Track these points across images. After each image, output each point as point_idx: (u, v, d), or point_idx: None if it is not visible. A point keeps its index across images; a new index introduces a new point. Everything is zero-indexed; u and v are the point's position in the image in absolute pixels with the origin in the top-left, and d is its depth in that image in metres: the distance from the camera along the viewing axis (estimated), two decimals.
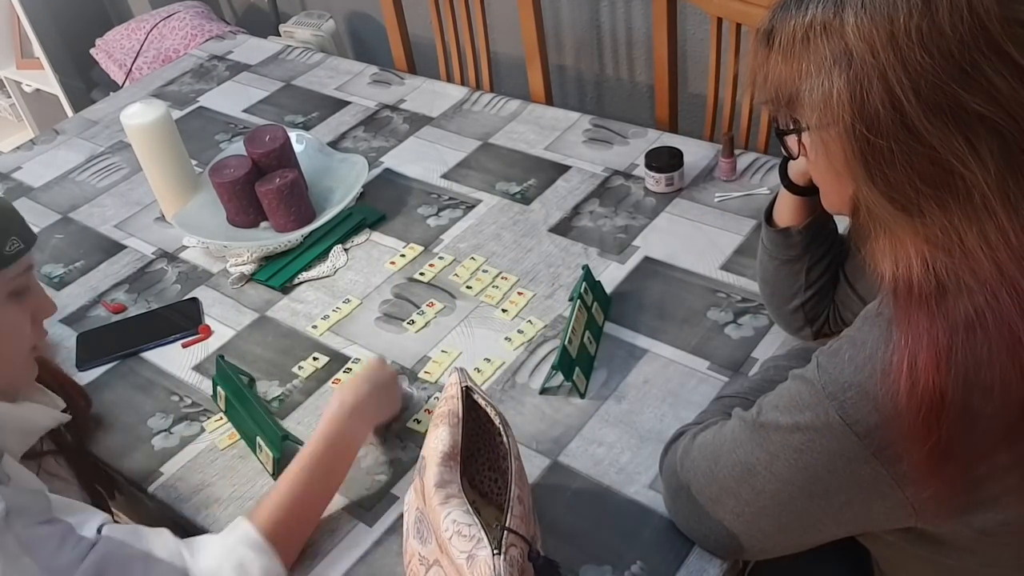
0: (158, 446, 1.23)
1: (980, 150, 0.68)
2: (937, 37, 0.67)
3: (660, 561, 0.99)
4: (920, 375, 0.71)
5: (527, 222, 1.51)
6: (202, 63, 2.20)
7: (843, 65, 0.71)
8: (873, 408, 0.74)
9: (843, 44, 0.70)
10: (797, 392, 0.80)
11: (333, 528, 1.09)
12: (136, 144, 1.53)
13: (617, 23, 2.16)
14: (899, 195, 0.72)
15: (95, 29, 2.72)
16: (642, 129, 1.68)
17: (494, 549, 0.81)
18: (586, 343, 1.23)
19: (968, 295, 0.71)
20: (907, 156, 0.70)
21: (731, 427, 0.89)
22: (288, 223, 1.50)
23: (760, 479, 0.84)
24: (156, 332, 1.40)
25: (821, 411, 0.77)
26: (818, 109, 0.74)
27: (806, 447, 0.79)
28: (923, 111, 0.68)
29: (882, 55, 0.69)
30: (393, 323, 1.36)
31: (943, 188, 0.70)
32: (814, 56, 0.73)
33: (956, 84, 0.67)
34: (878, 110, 0.69)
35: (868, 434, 0.75)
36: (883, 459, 0.75)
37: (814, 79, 0.73)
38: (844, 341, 0.79)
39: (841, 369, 0.76)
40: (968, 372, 0.71)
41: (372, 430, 1.13)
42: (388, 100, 1.91)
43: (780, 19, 0.76)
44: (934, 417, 0.71)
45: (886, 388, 0.73)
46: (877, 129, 0.70)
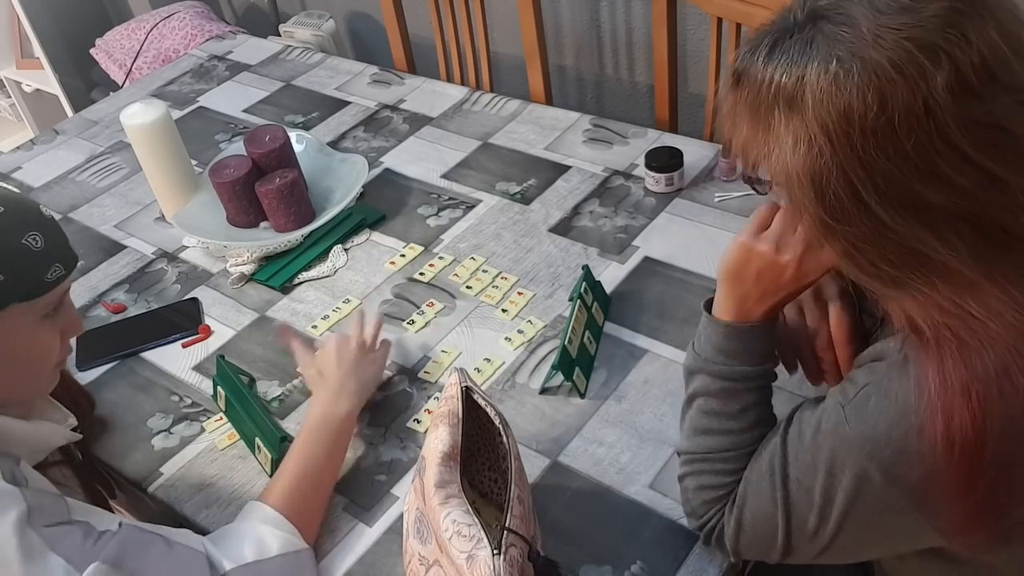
0: (158, 446, 1.23)
1: (949, 238, 0.68)
2: (892, 137, 0.66)
3: (660, 561, 0.99)
4: (957, 431, 0.69)
5: (527, 222, 1.51)
6: (202, 63, 2.20)
7: (803, 149, 0.69)
8: (913, 463, 0.72)
9: (804, 127, 0.69)
10: (831, 449, 0.77)
11: (333, 528, 1.09)
12: (136, 144, 1.53)
13: (617, 23, 2.16)
14: (883, 274, 0.71)
15: (95, 29, 2.72)
16: (642, 129, 1.68)
17: (494, 549, 0.81)
18: (586, 343, 1.23)
19: (988, 351, 0.69)
20: (877, 243, 0.69)
21: (776, 486, 0.83)
22: (288, 223, 1.50)
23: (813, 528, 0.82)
24: (156, 332, 1.40)
25: (860, 470, 0.75)
26: (783, 186, 0.72)
27: (851, 501, 0.77)
28: (884, 205, 0.67)
29: (839, 150, 0.67)
30: (393, 323, 1.36)
31: (923, 269, 0.70)
32: (776, 129, 0.71)
33: (916, 183, 0.66)
34: (842, 199, 0.68)
35: (911, 489, 0.73)
36: (926, 512, 0.74)
37: (777, 156, 0.71)
38: (871, 390, 0.75)
39: (874, 424, 0.74)
40: (1005, 424, 0.69)
41: (363, 402, 1.17)
42: (388, 100, 1.91)
43: (748, 64, 0.73)
44: (976, 471, 0.70)
45: (925, 443, 0.71)
46: (842, 217, 0.69)
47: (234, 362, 1.31)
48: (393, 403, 1.23)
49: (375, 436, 1.19)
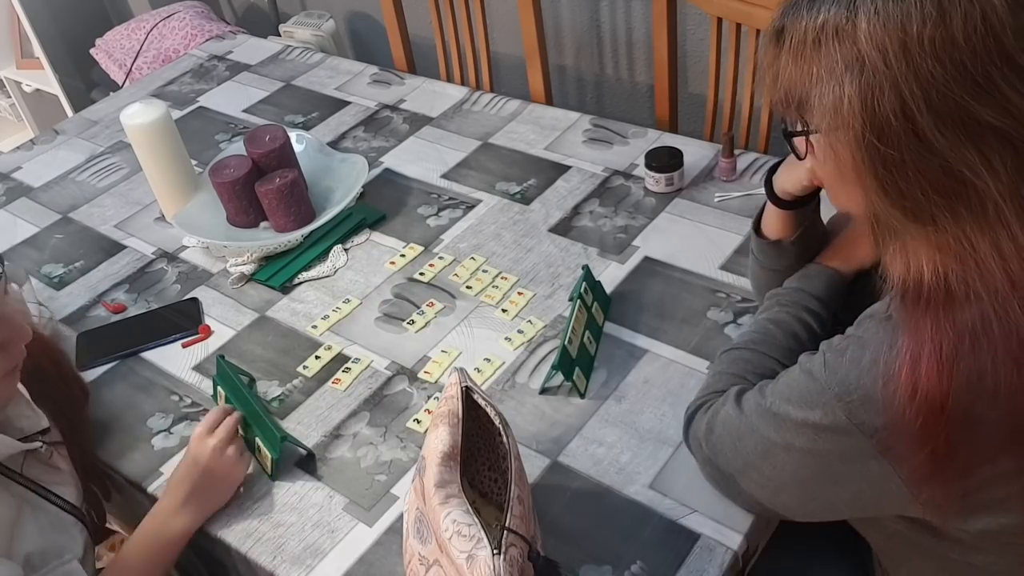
0: (158, 446, 1.23)
1: (993, 161, 0.68)
2: (950, 48, 0.66)
3: (660, 561, 0.99)
4: (922, 381, 0.71)
5: (527, 222, 1.51)
6: (202, 63, 2.20)
7: (855, 72, 0.69)
8: (878, 410, 0.75)
9: (855, 50, 0.69)
10: (806, 388, 0.82)
11: (333, 528, 1.09)
12: (136, 144, 1.53)
13: (617, 23, 2.16)
14: (910, 204, 0.72)
15: (95, 29, 2.72)
16: (642, 129, 1.68)
17: (494, 549, 0.81)
18: (586, 343, 1.23)
19: (977, 303, 0.71)
20: (918, 166, 0.69)
21: (750, 405, 0.90)
22: (288, 223, 1.50)
23: (780, 459, 0.86)
24: (156, 332, 1.40)
25: (829, 410, 0.78)
26: (828, 114, 0.73)
27: (818, 441, 0.81)
28: (935, 122, 0.67)
29: (894, 64, 0.67)
30: (393, 323, 1.36)
31: (955, 198, 0.70)
32: (825, 60, 0.71)
33: (969, 96, 0.67)
34: (889, 119, 0.68)
35: (874, 434, 0.76)
36: (890, 458, 0.76)
37: (825, 84, 0.72)
38: (850, 340, 0.80)
39: (847, 371, 0.77)
40: (971, 379, 0.71)
41: (203, 519, 1.10)
42: (388, 100, 1.91)
43: (791, 18, 0.74)
44: (934, 423, 0.71)
45: (889, 392, 0.73)
46: (888, 138, 0.69)
47: (234, 362, 1.31)
48: (393, 403, 1.23)
49: (375, 436, 1.19)
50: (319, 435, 1.20)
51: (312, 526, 1.09)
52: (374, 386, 1.26)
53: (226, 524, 1.11)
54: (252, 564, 1.08)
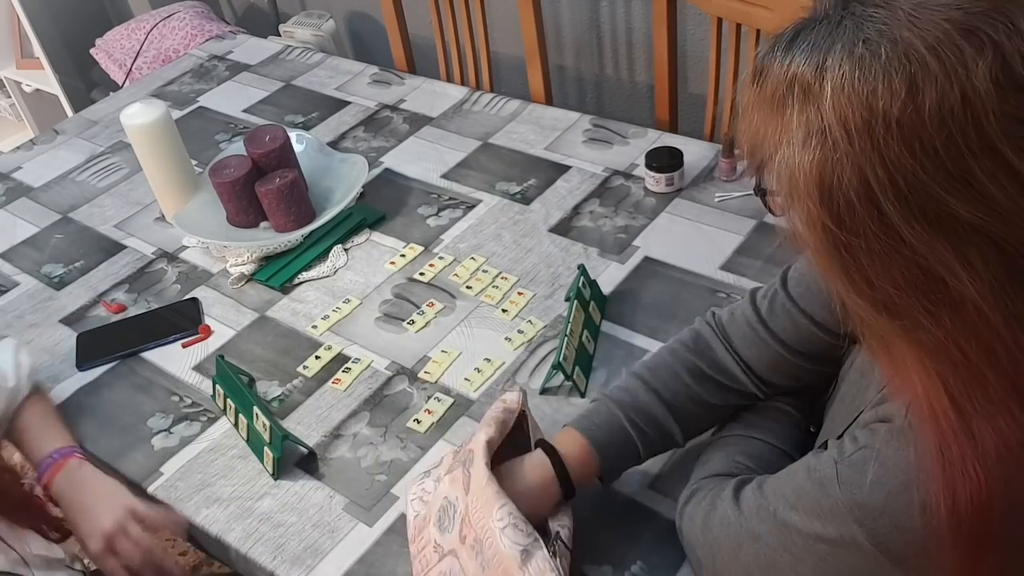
0: (158, 446, 1.23)
1: (972, 260, 0.59)
2: (921, 132, 0.57)
3: (660, 561, 0.99)
4: (962, 511, 0.63)
5: (527, 222, 1.51)
6: (202, 63, 2.20)
7: (815, 143, 0.60)
8: (911, 539, 0.68)
9: (819, 117, 0.60)
10: (816, 501, 0.74)
11: (333, 528, 1.09)
12: (136, 144, 1.53)
13: (617, 23, 2.16)
14: (880, 296, 0.62)
15: (95, 29, 2.72)
16: (642, 129, 1.68)
17: (551, 551, 0.83)
18: (584, 342, 1.23)
19: (990, 416, 0.62)
20: (885, 257, 0.60)
21: (750, 510, 0.83)
22: (288, 223, 1.50)
23: (785, 574, 0.79)
24: (156, 332, 1.40)
25: (847, 531, 0.71)
26: (784, 185, 0.64)
27: (832, 557, 0.74)
28: (902, 213, 0.58)
29: (857, 142, 0.59)
30: (393, 323, 1.36)
31: (932, 297, 0.61)
32: (787, 122, 0.63)
33: (942, 188, 0.57)
34: (851, 202, 0.60)
35: (903, 562, 0.70)
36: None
37: (784, 149, 0.63)
38: (867, 454, 0.71)
39: (868, 493, 0.70)
40: (1012, 500, 0.64)
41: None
42: (388, 100, 1.91)
43: (769, 58, 0.66)
44: (981, 552, 0.64)
45: (925, 522, 0.66)
46: (848, 225, 0.61)
47: (234, 362, 1.31)
48: (393, 403, 1.23)
49: (375, 436, 1.19)
50: (319, 435, 1.20)
51: (312, 526, 1.09)
52: (374, 386, 1.26)
53: (226, 524, 1.12)
54: (252, 564, 1.08)
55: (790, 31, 0.65)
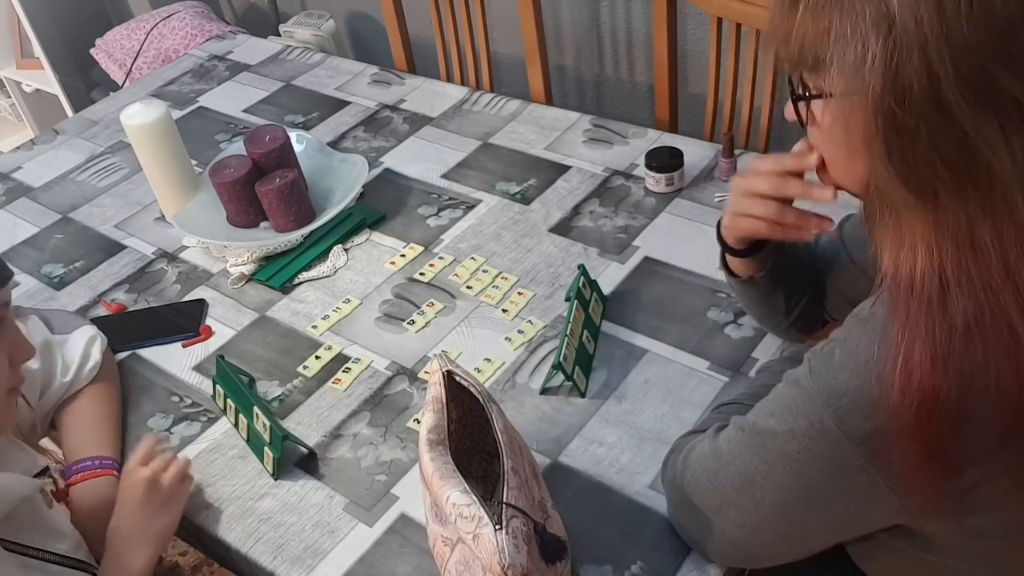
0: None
1: (1012, 139, 0.65)
2: (987, 12, 0.62)
3: (660, 561, 0.99)
4: (915, 373, 0.69)
5: (527, 222, 1.51)
6: (202, 63, 2.20)
7: (882, 30, 0.65)
8: (868, 414, 0.73)
9: (883, 7, 0.65)
10: (791, 398, 0.79)
11: (333, 528, 1.09)
12: (136, 144, 1.53)
13: (617, 23, 2.16)
14: (916, 177, 0.68)
15: (95, 29, 2.72)
16: (642, 129, 1.68)
17: (495, 525, 0.82)
18: (584, 342, 1.23)
19: (970, 293, 0.68)
20: (933, 136, 0.66)
21: (728, 436, 0.87)
22: (288, 223, 1.50)
23: (759, 489, 0.83)
24: (157, 331, 1.40)
25: (815, 418, 0.75)
26: (846, 75, 0.68)
27: (802, 455, 0.78)
28: (960, 89, 0.63)
29: (926, 24, 0.63)
30: (393, 323, 1.36)
31: (964, 175, 0.66)
32: (849, 16, 0.67)
33: (1000, 65, 0.63)
34: (912, 83, 0.64)
35: (863, 441, 0.73)
36: (878, 466, 0.74)
37: (846, 42, 0.67)
38: (836, 344, 0.77)
39: (835, 375, 0.74)
40: (964, 375, 0.69)
41: (161, 548, 1.07)
42: (388, 100, 1.91)
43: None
44: (926, 415, 0.69)
45: (881, 390, 0.71)
46: (907, 104, 0.65)
47: (234, 362, 1.31)
48: (393, 403, 1.23)
49: (375, 436, 1.19)
50: (319, 435, 1.20)
51: (312, 526, 1.09)
52: (374, 386, 1.26)
53: (226, 524, 1.12)
54: (252, 564, 1.08)
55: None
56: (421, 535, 1.06)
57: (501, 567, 0.81)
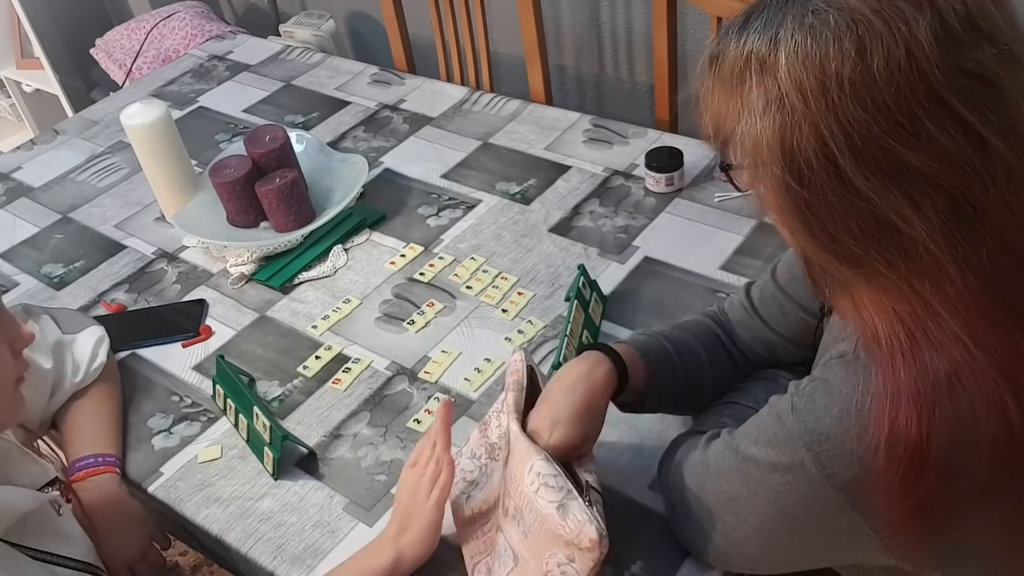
0: (158, 446, 1.23)
1: (924, 207, 0.64)
2: (872, 88, 0.62)
3: (660, 561, 0.99)
4: (902, 431, 0.68)
5: (527, 222, 1.51)
6: (202, 63, 2.20)
7: (774, 110, 0.65)
8: (851, 463, 0.71)
9: (776, 86, 0.65)
10: (773, 432, 0.78)
11: (333, 528, 1.09)
12: (136, 144, 1.53)
13: (617, 23, 2.16)
14: (841, 248, 0.68)
15: (95, 29, 2.72)
16: (642, 129, 1.68)
17: (585, 500, 0.84)
18: (584, 342, 1.23)
19: (941, 349, 0.67)
20: (844, 210, 0.66)
21: (716, 451, 0.87)
22: (288, 223, 1.50)
23: (743, 510, 0.83)
24: (157, 331, 1.40)
25: (796, 458, 0.75)
26: (748, 154, 0.69)
27: (784, 489, 0.77)
28: (858, 166, 0.63)
29: (812, 104, 0.63)
30: (393, 323, 1.36)
31: (887, 243, 0.66)
32: (747, 95, 0.68)
33: (893, 139, 0.62)
34: (810, 161, 0.65)
35: (845, 487, 0.73)
36: (860, 511, 0.73)
37: (745, 120, 0.68)
38: (819, 385, 0.76)
39: (817, 419, 0.73)
40: (951, 429, 0.68)
41: (405, 561, 0.97)
42: (388, 100, 1.91)
43: (723, 44, 0.70)
44: (915, 474, 0.68)
45: (865, 445, 0.70)
46: (808, 182, 0.66)
47: (233, 362, 1.31)
48: (393, 403, 1.23)
49: (375, 436, 1.19)
50: (319, 435, 1.20)
51: (312, 526, 1.09)
52: (374, 386, 1.26)
53: (226, 524, 1.12)
54: (252, 564, 1.08)
55: (740, 17, 0.70)
56: None
57: (599, 534, 0.82)
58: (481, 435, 1.02)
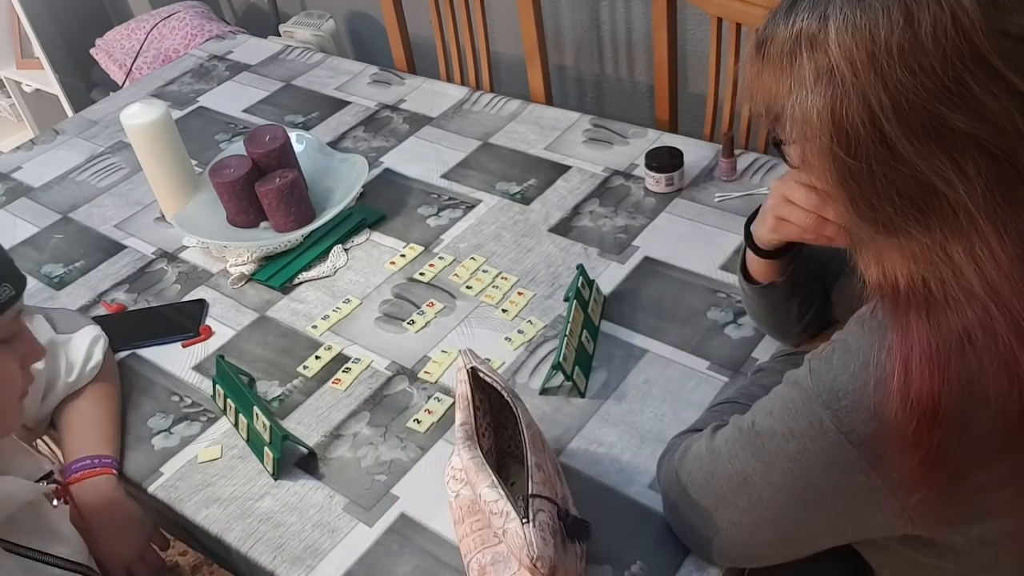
0: (158, 446, 1.23)
1: (967, 170, 0.66)
2: (919, 54, 0.64)
3: (660, 561, 0.99)
4: (915, 383, 0.69)
5: (527, 222, 1.51)
6: (202, 63, 2.20)
7: (824, 82, 0.68)
8: (868, 417, 0.73)
9: (826, 60, 0.68)
10: (791, 398, 0.79)
11: (333, 528, 1.09)
12: (136, 144, 1.53)
13: (617, 23, 2.16)
14: (880, 216, 0.71)
15: (95, 29, 2.72)
16: (642, 129, 1.68)
17: (523, 519, 0.83)
18: (584, 342, 1.23)
19: (958, 309, 0.69)
20: (887, 177, 0.68)
21: (725, 436, 0.88)
22: (288, 223, 1.50)
23: (757, 488, 0.83)
24: (157, 331, 1.40)
25: (815, 419, 0.76)
26: (798, 126, 0.72)
27: (801, 455, 0.78)
28: (904, 131, 0.66)
29: (862, 73, 0.66)
30: (393, 323, 1.36)
31: (927, 208, 0.69)
32: (798, 71, 0.70)
33: (940, 103, 0.65)
34: (858, 130, 0.67)
35: (862, 443, 0.74)
36: (877, 469, 0.74)
37: (796, 95, 0.71)
38: (837, 345, 0.77)
39: (835, 376, 0.75)
40: (963, 383, 0.69)
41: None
42: (388, 100, 1.91)
43: (771, 28, 0.74)
44: (927, 426, 0.70)
45: (881, 396, 0.72)
46: (856, 150, 0.68)
47: (234, 362, 1.31)
48: (393, 403, 1.23)
49: (375, 436, 1.19)
50: (319, 435, 1.20)
51: (312, 526, 1.10)
52: (374, 386, 1.26)
53: (226, 524, 1.12)
54: (252, 564, 1.08)
55: (786, 2, 0.72)
56: (421, 535, 1.06)
57: (530, 559, 0.82)
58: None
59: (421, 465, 1.14)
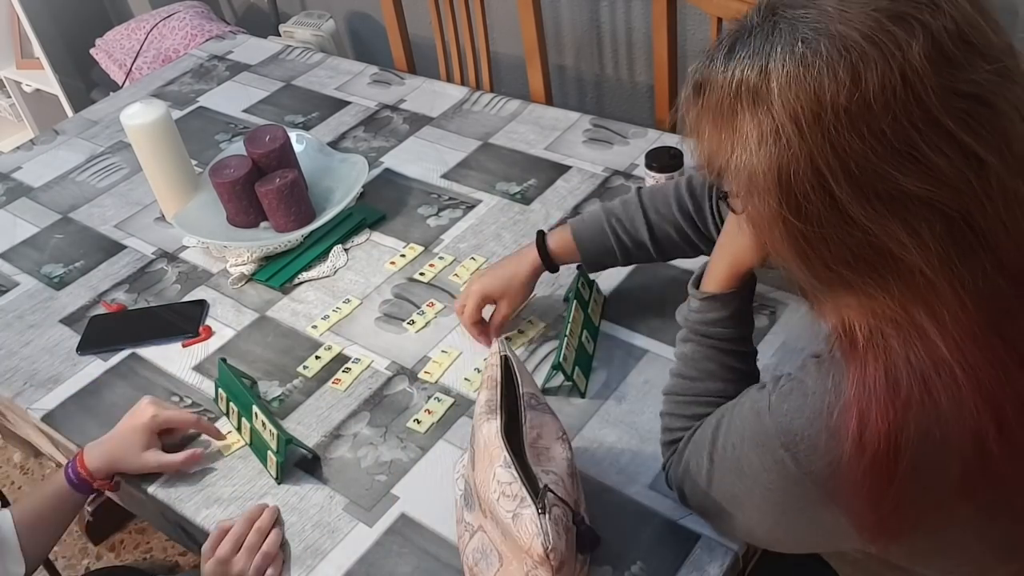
0: None
1: (921, 232, 0.63)
2: (868, 116, 0.61)
3: (660, 561, 0.99)
4: (870, 430, 0.68)
5: (527, 222, 1.51)
6: (202, 63, 2.20)
7: (770, 142, 0.64)
8: (826, 461, 0.72)
9: (770, 118, 0.64)
10: (757, 430, 0.79)
11: (333, 528, 1.09)
12: (136, 144, 1.53)
13: (617, 23, 2.16)
14: (836, 276, 0.68)
15: (95, 29, 2.72)
16: (642, 129, 1.68)
17: (538, 508, 0.83)
18: (584, 343, 1.23)
19: (917, 361, 0.67)
20: (840, 240, 0.65)
21: (719, 452, 0.87)
22: (288, 223, 1.50)
23: (744, 506, 0.86)
24: (158, 331, 1.40)
25: (778, 457, 0.76)
26: (744, 187, 0.68)
27: (773, 486, 0.79)
28: (855, 195, 0.63)
29: (808, 135, 0.62)
30: (393, 323, 1.36)
31: (883, 270, 0.66)
32: (740, 127, 0.66)
33: (891, 166, 0.62)
34: (806, 193, 0.64)
35: (824, 483, 0.74)
36: (841, 506, 0.74)
37: (738, 154, 0.67)
38: (795, 385, 0.76)
39: (791, 420, 0.75)
40: (921, 431, 0.68)
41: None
42: (388, 100, 1.91)
43: (709, 71, 0.69)
44: (884, 471, 0.68)
45: (836, 445, 0.71)
46: (805, 214, 0.65)
47: (234, 363, 1.31)
48: (393, 403, 1.23)
49: (375, 436, 1.19)
50: (319, 435, 1.20)
51: (312, 526, 1.09)
52: (374, 386, 1.26)
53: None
54: None
55: (725, 42, 0.68)
56: (421, 535, 1.06)
57: (544, 549, 0.82)
58: (471, 448, 1.02)
59: (421, 465, 1.14)
